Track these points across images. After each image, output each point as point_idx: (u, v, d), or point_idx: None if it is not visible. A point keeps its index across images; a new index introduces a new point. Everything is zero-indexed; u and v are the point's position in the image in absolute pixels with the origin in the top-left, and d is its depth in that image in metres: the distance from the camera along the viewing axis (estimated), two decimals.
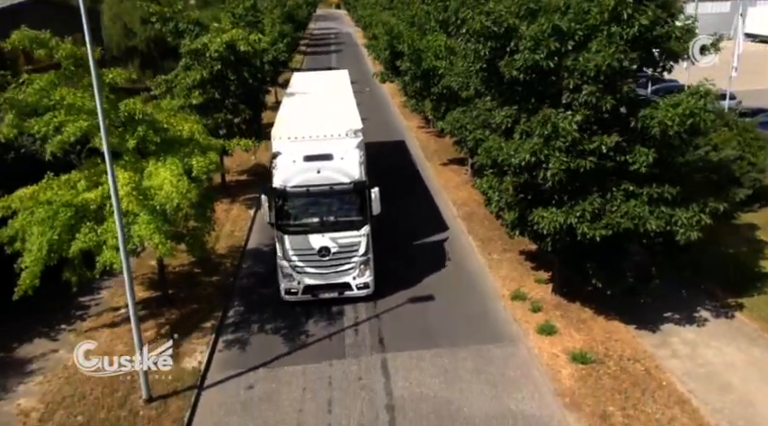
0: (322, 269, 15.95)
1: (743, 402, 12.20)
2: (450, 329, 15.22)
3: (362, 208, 15.73)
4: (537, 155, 12.32)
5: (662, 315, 15.22)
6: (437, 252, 19.63)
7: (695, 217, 12.89)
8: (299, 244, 15.74)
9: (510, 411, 12.31)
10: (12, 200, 13.43)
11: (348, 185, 15.42)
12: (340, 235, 15.72)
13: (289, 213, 15.69)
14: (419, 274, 17.97)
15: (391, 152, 30.50)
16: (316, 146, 16.03)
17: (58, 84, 13.71)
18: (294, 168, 15.44)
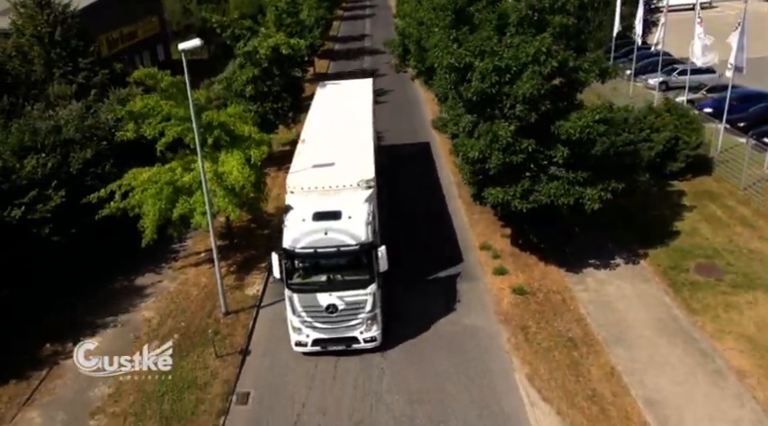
0: (330, 324, 16.52)
1: (620, 319, 18.09)
2: (432, 269, 21.30)
3: (369, 268, 16.11)
4: (483, 153, 18.11)
5: (587, 262, 20.99)
6: (434, 208, 25.72)
7: (598, 194, 18.50)
8: (308, 302, 16.30)
9: (463, 324, 18.44)
10: (132, 180, 19.99)
11: (355, 247, 15.77)
12: (347, 294, 16.23)
13: (297, 272, 16.25)
14: (417, 227, 24.07)
15: (409, 118, 36.19)
16: (325, 201, 16.88)
17: (159, 101, 20.07)
18: (303, 228, 15.96)
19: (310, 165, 19.13)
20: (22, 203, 19.09)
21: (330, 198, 17.13)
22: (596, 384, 15.62)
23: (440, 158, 30.64)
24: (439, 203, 26.31)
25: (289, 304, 16.49)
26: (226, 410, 15.63)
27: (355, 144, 20.78)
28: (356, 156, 19.63)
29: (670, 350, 16.61)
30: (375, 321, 16.72)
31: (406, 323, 18.26)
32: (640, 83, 40.66)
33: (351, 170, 18.29)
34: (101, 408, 15.80)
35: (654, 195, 25.16)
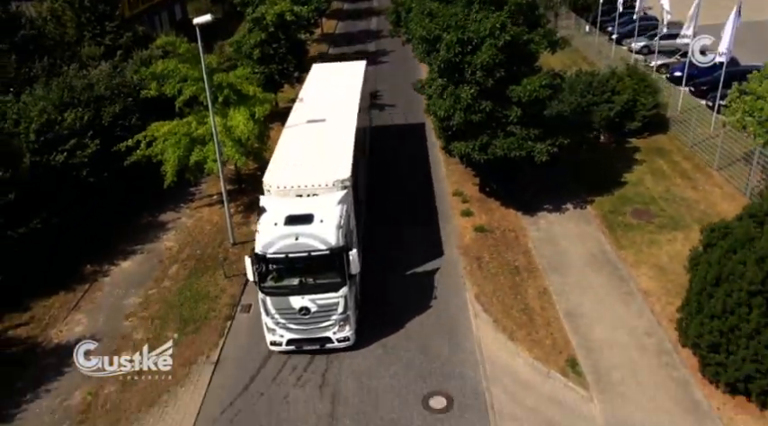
0: (303, 325, 16.91)
1: (560, 252, 21.66)
2: (411, 214, 24.90)
3: (341, 271, 16.35)
4: (448, 112, 21.47)
5: (542, 206, 24.45)
6: (419, 156, 29.27)
7: (546, 148, 21.84)
8: (281, 304, 16.63)
9: (433, 257, 22.08)
10: (154, 132, 23.61)
11: (325, 252, 15.97)
12: (319, 297, 16.53)
13: (270, 276, 16.51)
14: (402, 176, 27.66)
15: (405, 76, 39.18)
16: (299, 203, 17.22)
17: (177, 64, 23.56)
18: (275, 233, 16.11)
19: (288, 163, 19.33)
20: (64, 150, 22.94)
21: (304, 199, 17.42)
22: (530, 301, 19.33)
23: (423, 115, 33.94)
24: (422, 151, 29.81)
25: (262, 306, 16.80)
26: (232, 316, 19.61)
27: (336, 140, 20.76)
28: (335, 154, 19.63)
29: (595, 277, 20.23)
30: (347, 322, 17.08)
31: (385, 251, 21.97)
32: (625, 47, 43.26)
33: (327, 168, 18.44)
34: (133, 313, 19.88)
35: (611, 151, 28.43)
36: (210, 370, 17.38)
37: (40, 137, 22.65)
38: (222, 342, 18.46)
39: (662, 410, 15.10)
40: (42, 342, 18.62)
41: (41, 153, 22.42)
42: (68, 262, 22.06)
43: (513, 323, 18.38)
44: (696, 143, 27.90)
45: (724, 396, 15.16)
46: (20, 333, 18.99)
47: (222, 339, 18.59)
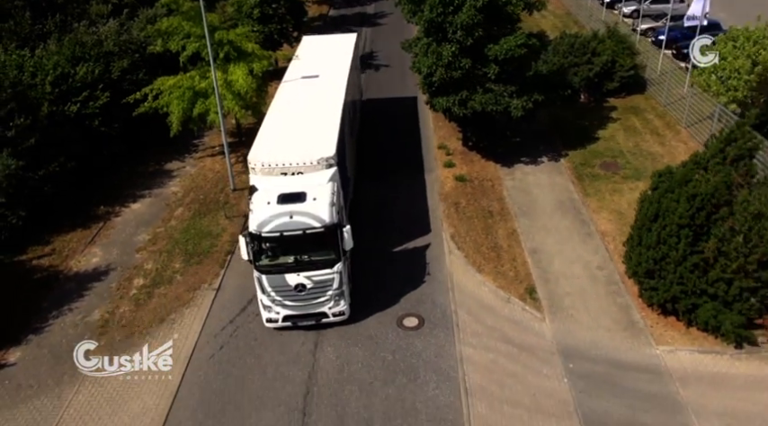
0: (299, 302, 17.13)
1: (531, 199, 23.70)
2: (402, 166, 26.81)
3: (335, 248, 16.61)
4: (430, 69, 23.28)
5: (519, 159, 26.43)
6: (408, 114, 31.12)
7: (521, 104, 23.69)
8: (277, 282, 16.75)
9: (416, 203, 24.12)
10: (160, 85, 25.49)
11: (320, 229, 16.16)
12: (315, 273, 16.77)
13: (265, 254, 16.58)
14: (393, 129, 29.59)
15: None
16: (289, 181, 17.24)
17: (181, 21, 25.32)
18: (268, 211, 16.20)
19: (273, 140, 19.35)
20: (77, 101, 24.94)
21: (296, 177, 17.44)
22: (499, 240, 21.47)
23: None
24: (412, 108, 31.63)
25: (258, 284, 16.93)
26: (231, 251, 21.77)
27: (323, 117, 20.72)
28: (321, 131, 19.58)
29: (560, 220, 22.32)
30: (342, 296, 17.36)
31: (374, 196, 24.07)
32: (617, 11, 44.55)
33: (312, 146, 18.39)
34: (143, 247, 22.10)
35: (590, 109, 30.24)
36: (212, 295, 19.66)
37: (55, 88, 24.62)
38: (223, 273, 20.71)
39: (603, 328, 17.36)
40: (63, 270, 20.90)
41: (57, 103, 24.42)
42: (84, 204, 24.26)
43: (482, 258, 20.54)
44: (669, 103, 29.65)
45: (657, 317, 17.38)
46: (43, 263, 21.26)
47: (223, 270, 20.84)
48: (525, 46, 22.81)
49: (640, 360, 16.24)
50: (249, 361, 17.07)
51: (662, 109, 29.68)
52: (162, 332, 18.13)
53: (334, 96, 22.36)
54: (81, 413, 15.57)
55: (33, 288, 20.04)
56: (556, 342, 17.01)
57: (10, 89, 22.19)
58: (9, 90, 22.12)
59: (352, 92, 25.26)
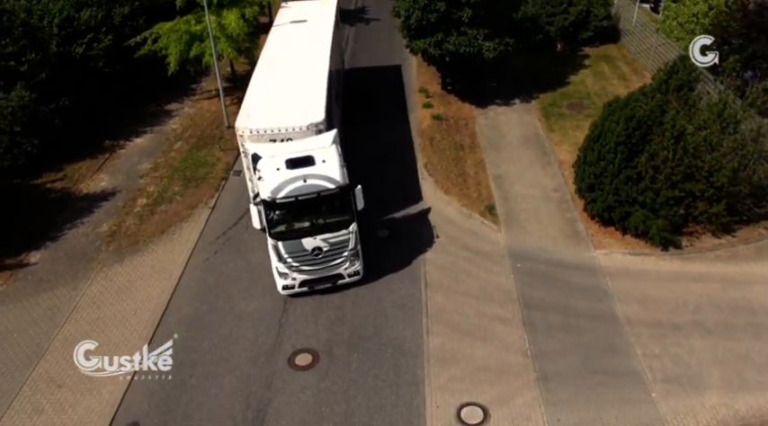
0: (315, 266, 17.03)
1: (500, 135, 25.85)
2: (385, 107, 28.89)
3: (349, 208, 16.67)
4: (408, 12, 25.23)
5: (493, 101, 28.50)
6: (394, 63, 33.08)
7: (493, 46, 25.66)
8: (293, 248, 16.58)
9: (394, 139, 26.30)
10: (159, 29, 27.48)
11: (335, 190, 16.12)
12: (330, 236, 16.68)
13: (280, 221, 16.39)
14: (380, 70, 31.59)
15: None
16: (292, 147, 16.97)
17: None
18: (280, 177, 15.97)
19: (260, 107, 19.10)
20: (82, 43, 26.97)
21: (298, 142, 17.29)
22: (467, 168, 23.70)
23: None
24: (399, 55, 33.53)
25: (274, 251, 16.74)
26: (226, 177, 24.09)
27: (309, 83, 20.48)
28: (308, 97, 19.44)
29: (524, 152, 24.52)
30: (357, 256, 17.43)
31: (361, 132, 26.18)
32: None
33: (301, 111, 18.36)
34: (146, 174, 24.40)
35: (564, 57, 32.17)
36: (208, 213, 22.02)
37: (62, 31, 26.63)
38: (218, 195, 23.04)
39: (550, 237, 19.71)
40: (75, 192, 23.24)
41: (64, 44, 26.48)
42: (91, 137, 26.49)
43: (450, 183, 22.80)
44: (640, 51, 31.52)
45: (598, 227, 19.71)
46: (56, 186, 23.60)
47: (218, 192, 23.16)
48: None
49: (579, 261, 18.62)
50: (240, 263, 19.50)
51: (632, 57, 31.58)
52: (162, 241, 20.55)
53: (318, 61, 22.21)
54: (95, 300, 18.09)
55: (48, 206, 22.41)
56: (507, 248, 19.38)
57: (21, 28, 24.23)
58: (20, 28, 24.16)
59: (335, 56, 25.26)
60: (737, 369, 14.83)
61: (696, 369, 14.92)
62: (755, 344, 15.44)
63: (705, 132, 17.67)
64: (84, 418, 14.70)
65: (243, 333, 16.82)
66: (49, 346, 16.62)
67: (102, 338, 16.71)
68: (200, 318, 17.44)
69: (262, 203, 16.20)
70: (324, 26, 25.71)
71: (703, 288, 17.24)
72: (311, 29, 25.49)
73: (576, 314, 16.66)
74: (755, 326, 15.95)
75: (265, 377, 15.53)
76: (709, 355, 15.24)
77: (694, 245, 18.74)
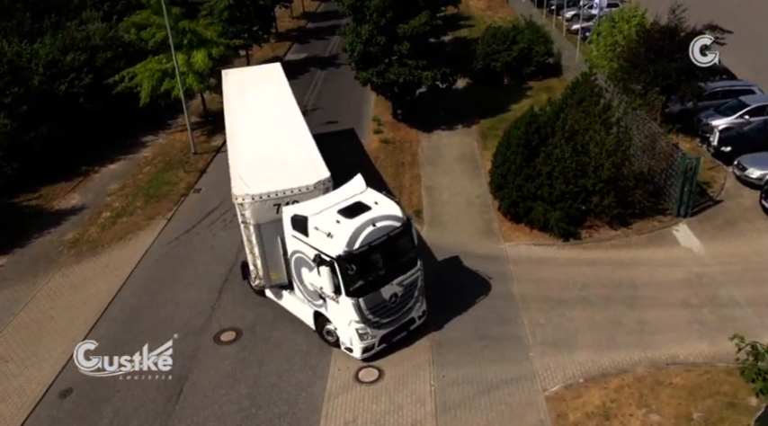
0: (394, 315, 15.99)
1: (439, 154, 28.17)
2: (341, 134, 31.46)
3: (412, 244, 16.05)
4: (352, 46, 28.10)
5: (439, 127, 30.98)
6: (354, 96, 35.89)
7: (431, 75, 28.34)
8: (373, 301, 15.46)
9: (347, 158, 28.62)
10: (136, 69, 30.57)
11: (401, 228, 15.61)
12: (404, 277, 15.87)
13: (357, 276, 15.09)
14: (342, 104, 34.36)
15: None
16: (332, 200, 16.02)
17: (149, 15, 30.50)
18: (346, 229, 14.94)
19: (254, 171, 17.82)
20: (65, 81, 30.03)
21: (334, 195, 16.38)
22: (404, 181, 25.89)
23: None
24: (358, 94, 36.40)
25: (355, 311, 15.33)
26: (186, 194, 26.44)
27: (294, 139, 20.04)
28: (302, 154, 18.84)
29: (457, 167, 26.77)
30: (423, 294, 16.70)
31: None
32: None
33: (303, 170, 17.57)
34: (113, 192, 26.85)
35: (509, 88, 34.89)
36: (164, 223, 24.25)
37: (47, 71, 29.75)
38: (176, 208, 25.32)
39: (467, 234, 21.69)
40: (47, 208, 25.68)
41: (48, 83, 29.52)
42: (69, 164, 29.11)
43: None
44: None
45: (510, 224, 21.66)
46: (31, 203, 26.08)
47: (176, 206, 25.46)
48: (427, 24, 27.51)
49: (489, 252, 20.49)
50: (186, 262, 21.55)
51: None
52: (119, 247, 22.71)
53: (294, 119, 21.84)
54: (50, 294, 20.15)
55: (21, 219, 24.80)
56: (429, 243, 21.30)
57: (7, 66, 27.30)
58: (6, 66, 27.23)
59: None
60: (608, 333, 16.46)
61: (573, 334, 16.55)
62: (628, 312, 17.09)
63: (590, 132, 19.86)
64: (23, 385, 16.52)
65: (178, 316, 18.69)
66: (3, 330, 18.60)
67: (51, 324, 18.70)
68: (142, 305, 19.37)
69: (332, 263, 14.80)
70: (281, 86, 25.36)
71: (594, 270, 19.01)
72: (270, 90, 25.08)
73: (476, 293, 18.42)
74: (632, 299, 17.62)
75: (191, 350, 17.31)
76: (587, 322, 16.89)
77: (593, 236, 20.59)
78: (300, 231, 15.62)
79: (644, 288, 18.02)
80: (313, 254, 15.26)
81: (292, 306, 17.73)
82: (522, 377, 15.37)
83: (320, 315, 16.53)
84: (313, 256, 15.25)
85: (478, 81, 35.77)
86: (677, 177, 20.48)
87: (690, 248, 19.70)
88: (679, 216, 20.97)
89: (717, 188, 22.71)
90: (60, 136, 28.87)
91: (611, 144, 19.69)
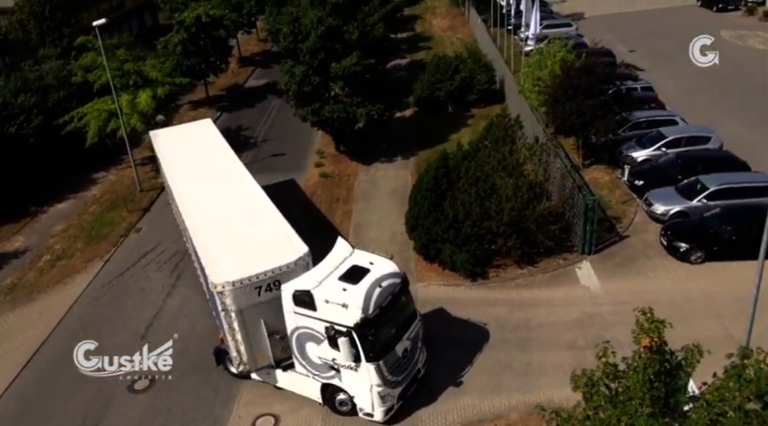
0: (406, 370, 16.12)
1: (373, 188, 29.09)
2: (283, 167, 32.39)
3: (410, 295, 16.62)
4: (288, 86, 29.06)
5: (379, 159, 31.90)
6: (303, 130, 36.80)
7: (366, 111, 29.28)
8: (390, 361, 15.49)
9: (285, 195, 29.58)
10: (85, 110, 31.48)
11: (402, 284, 16.07)
12: (410, 331, 16.19)
13: (375, 339, 15.05)
14: (291, 136, 35.28)
15: None
16: (326, 268, 15.77)
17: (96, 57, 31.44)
18: (356, 295, 14.85)
19: (226, 255, 16.93)
20: (16, 123, 30.96)
21: (326, 264, 16.05)
22: (335, 218, 26.82)
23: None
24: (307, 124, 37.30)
25: (377, 375, 15.23)
26: (126, 234, 27.35)
27: (260, 213, 19.26)
28: (271, 228, 18.14)
29: (388, 203, 27.67)
30: (424, 343, 17.00)
31: None
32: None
33: (279, 247, 16.84)
34: (57, 234, 27.77)
35: (452, 117, 35.86)
36: (101, 265, 25.14)
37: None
38: (114, 249, 26.23)
39: None
40: None
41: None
42: (20, 204, 30.00)
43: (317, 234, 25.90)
44: (517, 112, 35.08)
45: (426, 263, 22.53)
46: None
47: (115, 248, 26.36)
48: (358, 64, 28.45)
49: None
50: (114, 307, 22.44)
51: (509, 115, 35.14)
52: (55, 291, 23.61)
53: (251, 189, 21.08)
54: None
55: None
56: None
57: None
58: None
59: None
60: (496, 376, 17.32)
61: (464, 377, 17.41)
62: (519, 355, 17.97)
63: (492, 178, 20.79)
64: None
65: None
66: None
67: None
68: (66, 353, 20.21)
69: (350, 332, 14.70)
70: (222, 148, 24.74)
71: (496, 310, 19.89)
72: (213, 155, 24.11)
73: None
74: (525, 340, 18.51)
75: (106, 399, 18.18)
76: (480, 365, 17.74)
77: (500, 276, 21.48)
78: (306, 307, 15.19)
79: (538, 330, 18.91)
80: (323, 328, 15.02)
81: (291, 383, 17.11)
82: (408, 423, 16.24)
83: (329, 387, 16.19)
84: (324, 329, 14.98)
85: (424, 109, 36.73)
86: (580, 216, 21.38)
87: (588, 287, 20.60)
88: (584, 253, 21.86)
89: (626, 222, 23.62)
90: (9, 176, 29.74)
91: (512, 188, 20.60)
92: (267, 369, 17.23)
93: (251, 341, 16.44)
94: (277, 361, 16.88)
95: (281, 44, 29.04)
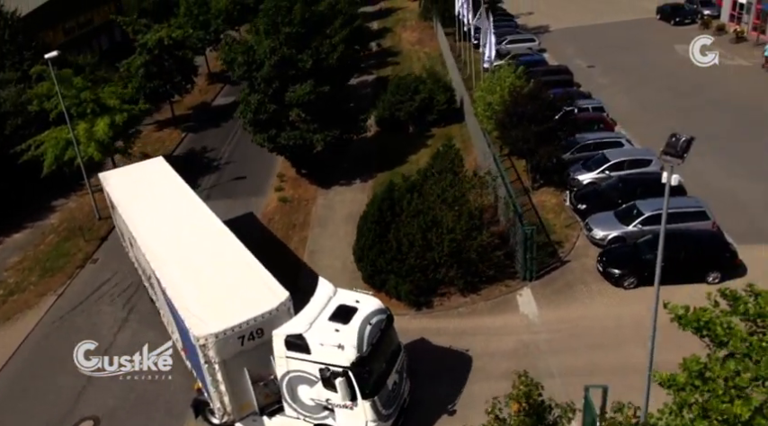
0: (396, 401, 16.47)
1: (330, 213, 29.42)
2: (242, 189, 32.65)
3: (394, 328, 17.05)
4: (243, 114, 29.34)
5: (339, 181, 32.25)
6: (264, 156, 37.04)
7: (322, 137, 29.63)
8: (384, 395, 15.85)
9: (243, 219, 29.86)
10: (42, 138, 31.52)
11: (388, 319, 16.58)
12: (398, 362, 16.75)
13: (370, 376, 15.43)
14: (253, 158, 35.52)
15: None
16: (311, 313, 15.96)
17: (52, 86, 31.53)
18: (350, 334, 15.17)
19: (204, 305, 16.37)
20: None
21: (311, 307, 16.24)
22: (293, 244, 27.14)
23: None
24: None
25: (372, 411, 15.50)
26: (82, 266, 27.47)
27: (233, 259, 18.61)
28: (249, 276, 17.60)
29: (343, 228, 27.97)
30: (407, 374, 17.40)
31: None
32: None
33: (258, 294, 16.57)
34: (11, 267, 27.84)
35: (412, 137, 36.31)
36: (54, 299, 25.26)
37: None
38: (69, 282, 26.35)
39: None
40: None
41: None
42: None
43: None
44: (476, 131, 35.60)
45: (375, 292, 22.80)
46: None
47: (70, 280, 26.48)
48: (312, 92, 28.79)
49: None
50: (63, 345, 22.25)
51: (468, 135, 35.68)
52: (6, 327, 23.71)
53: (214, 227, 20.58)
54: None
55: None
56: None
57: None
58: None
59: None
60: (427, 411, 17.73)
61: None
62: (450, 389, 18.37)
63: (434, 210, 21.23)
64: None
65: (40, 407, 19.66)
66: None
67: None
68: (11, 395, 20.38)
69: (346, 372, 14.98)
70: (181, 189, 23.84)
71: (439, 340, 20.31)
72: (172, 196, 23.25)
73: None
74: (462, 372, 18.96)
75: None
76: (416, 399, 18.15)
77: (444, 305, 21.92)
78: (299, 350, 15.30)
79: (476, 360, 19.36)
80: (317, 370, 15.25)
81: None
82: None
83: None
84: (319, 371, 15.23)
85: (385, 129, 37.18)
86: (521, 244, 21.87)
87: (527, 314, 21.11)
88: (525, 279, 22.37)
89: (568, 247, 24.16)
90: None
91: (452, 220, 21.04)
92: (252, 417, 16.92)
93: (235, 390, 16.19)
94: (261, 408, 16.66)
95: (235, 73, 29.30)
